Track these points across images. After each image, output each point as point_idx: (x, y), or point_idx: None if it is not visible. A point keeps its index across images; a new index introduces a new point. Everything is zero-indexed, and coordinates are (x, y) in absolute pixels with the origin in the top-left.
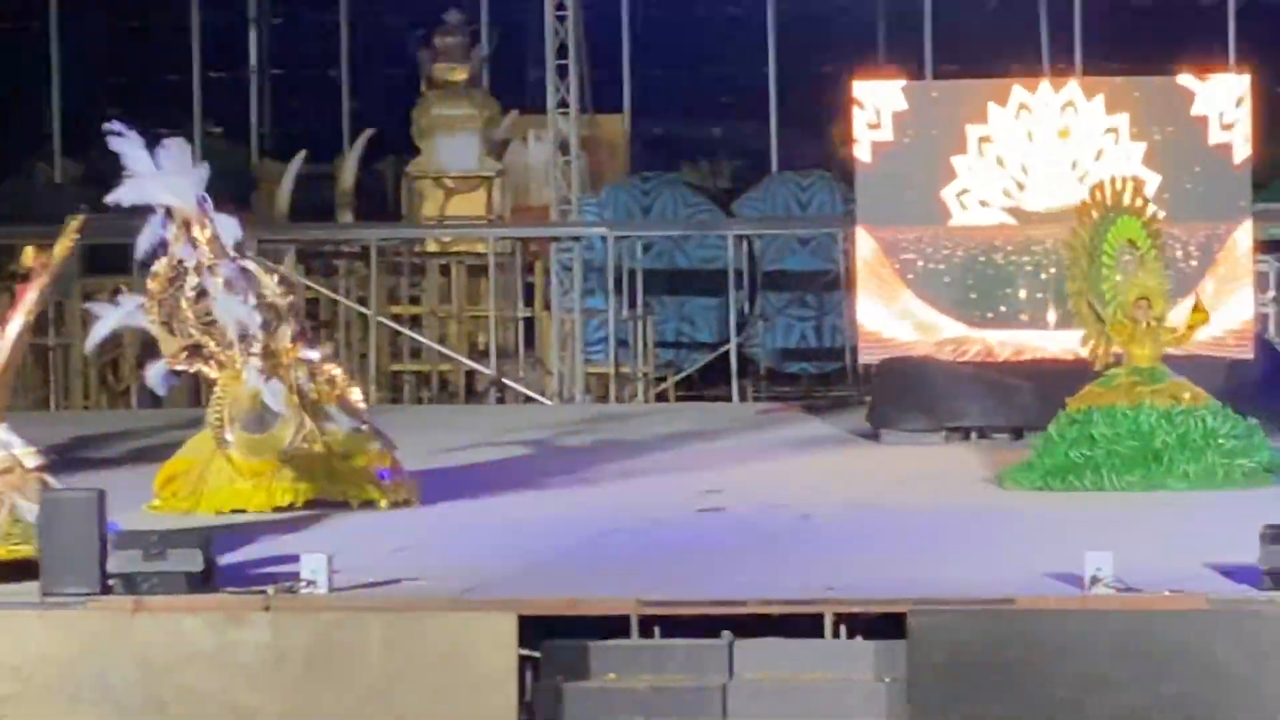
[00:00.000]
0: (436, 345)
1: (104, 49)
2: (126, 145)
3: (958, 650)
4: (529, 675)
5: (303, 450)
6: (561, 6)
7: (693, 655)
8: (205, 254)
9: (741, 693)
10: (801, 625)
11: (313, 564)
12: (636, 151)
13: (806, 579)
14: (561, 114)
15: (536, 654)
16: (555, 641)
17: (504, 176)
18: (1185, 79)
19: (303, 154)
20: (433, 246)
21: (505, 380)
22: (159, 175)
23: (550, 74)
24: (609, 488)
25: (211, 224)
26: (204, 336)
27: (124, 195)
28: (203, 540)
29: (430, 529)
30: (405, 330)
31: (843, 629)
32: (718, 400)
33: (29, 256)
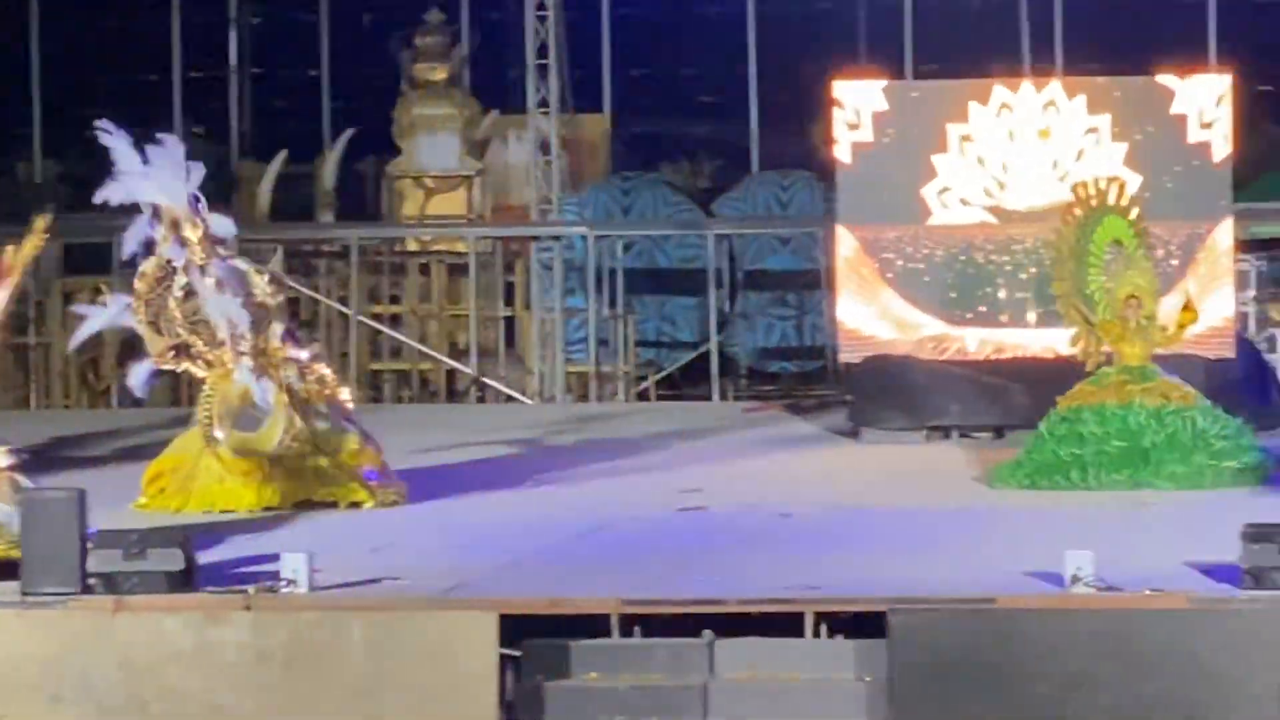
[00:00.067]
0: (417, 344)
1: (84, 48)
2: (116, 144)
3: (938, 649)
4: (510, 675)
5: (292, 449)
6: (542, 6)
7: (674, 654)
8: (197, 253)
9: (722, 692)
10: (782, 624)
11: (293, 563)
12: (617, 151)
13: (787, 578)
14: (542, 113)
15: (517, 653)
16: (536, 641)
17: (484, 176)
18: (1165, 78)
19: (283, 154)
20: (413, 246)
21: (486, 379)
22: (149, 174)
23: (530, 74)
24: (590, 487)
25: (203, 223)
26: (191, 336)
27: (113, 194)
28: (183, 540)
29: (411, 528)
30: (386, 329)
31: (823, 628)
32: (698, 399)
33: (9, 255)
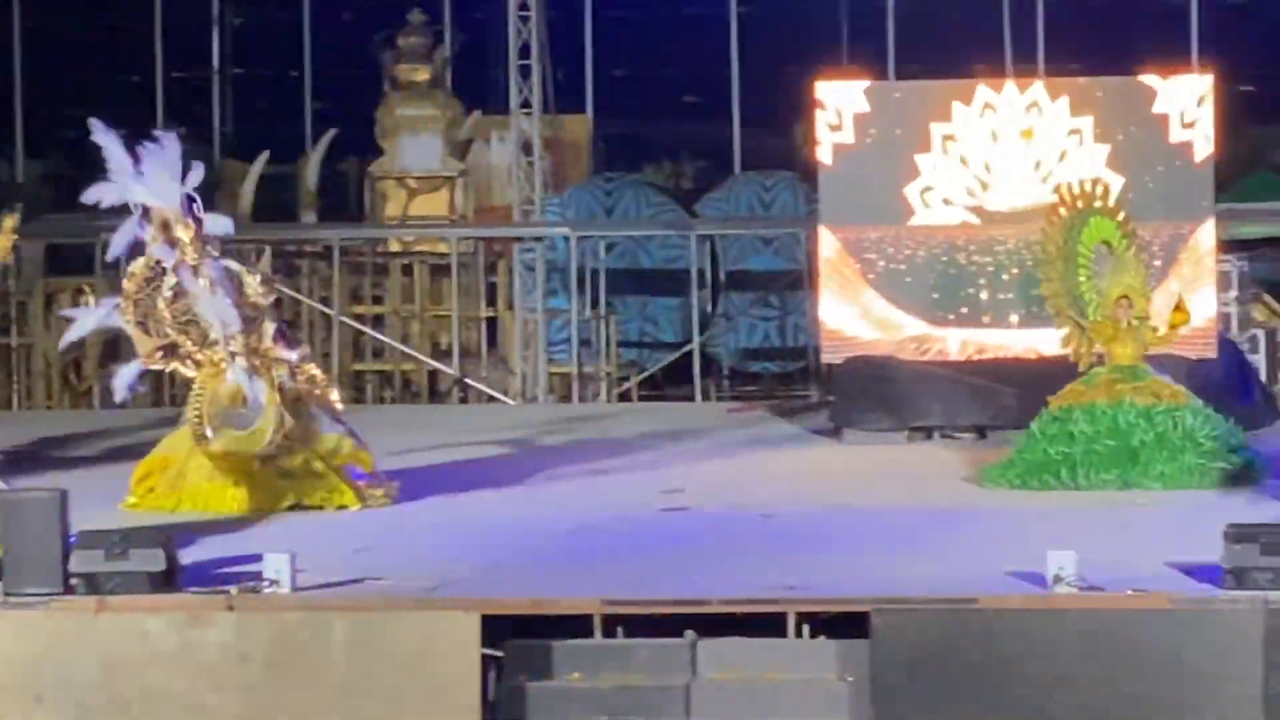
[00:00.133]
0: (399, 345)
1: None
2: (108, 143)
3: (920, 649)
4: (492, 675)
5: (283, 448)
6: (524, 7)
7: (656, 655)
8: (189, 253)
9: (705, 692)
10: (764, 624)
11: (276, 563)
12: (599, 152)
13: (769, 578)
14: (524, 114)
15: (500, 653)
16: (518, 641)
17: (467, 177)
18: (1147, 78)
19: (265, 154)
20: (395, 246)
21: (468, 380)
22: (140, 175)
23: (513, 74)
24: (572, 487)
25: (195, 223)
26: (180, 336)
27: (104, 195)
28: (165, 540)
29: (393, 528)
30: (368, 330)
31: (805, 628)
32: (681, 400)
33: None
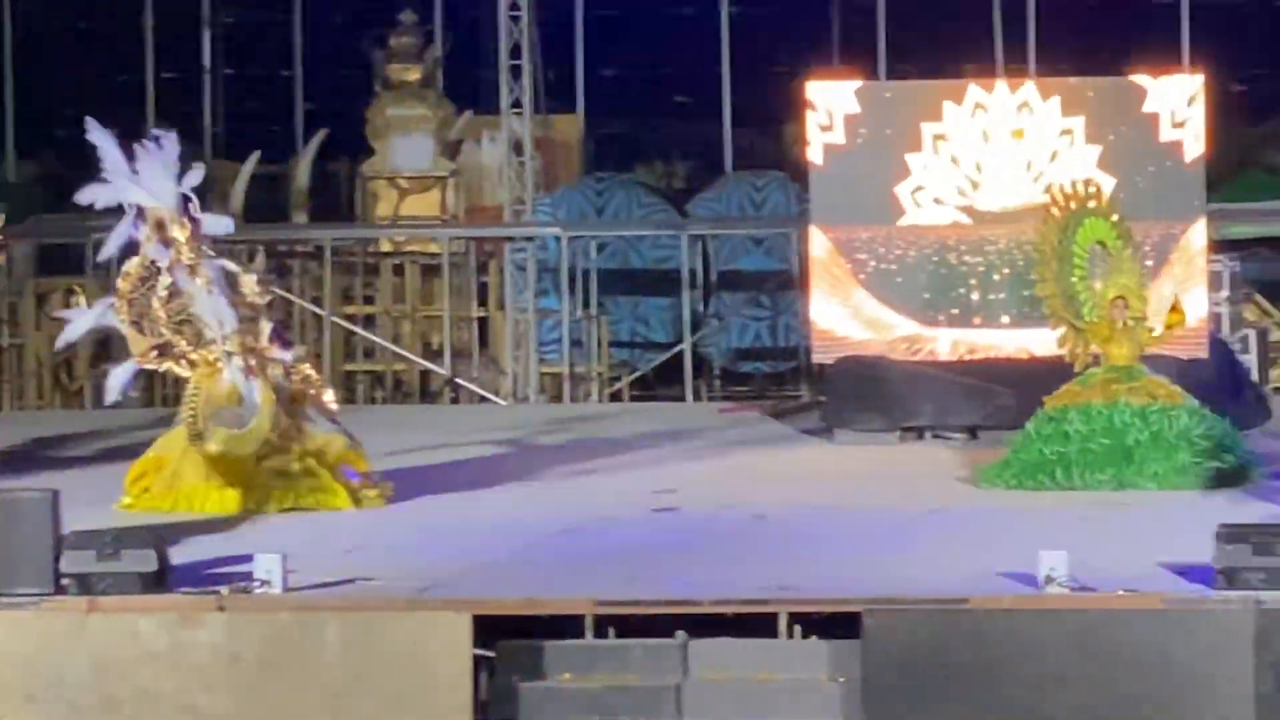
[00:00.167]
0: (390, 345)
1: (57, 49)
2: (103, 143)
3: (912, 650)
4: (484, 675)
5: (278, 448)
6: (515, 7)
7: (648, 655)
8: (184, 252)
9: (696, 692)
10: (756, 625)
11: (267, 564)
12: (590, 152)
13: (761, 579)
14: (515, 114)
15: (491, 654)
16: (510, 641)
17: (458, 177)
18: (1138, 77)
19: (256, 154)
20: (387, 246)
21: (459, 380)
22: (135, 175)
23: (504, 74)
24: (563, 488)
25: (192, 222)
26: (175, 335)
27: (98, 195)
28: (156, 540)
29: (385, 529)
30: (359, 330)
31: (797, 629)
32: (672, 400)
33: None
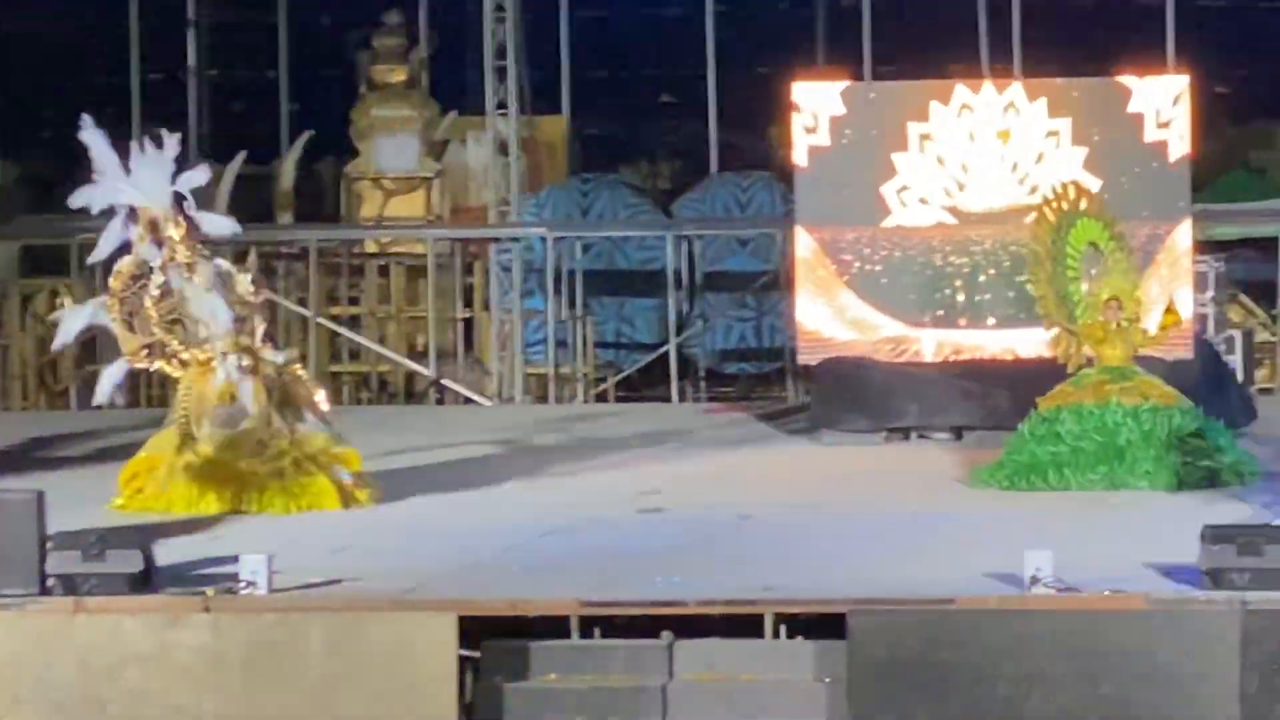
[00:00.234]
0: (376, 346)
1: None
2: (95, 144)
3: (897, 650)
4: (469, 676)
5: (270, 448)
6: (500, 8)
7: (633, 655)
8: (180, 252)
9: (681, 693)
10: (741, 625)
11: (252, 564)
12: (576, 152)
13: (746, 579)
14: (500, 115)
15: (476, 654)
16: (495, 642)
17: (443, 177)
18: (1124, 78)
19: (241, 155)
20: (372, 247)
21: (444, 381)
22: (128, 176)
23: (489, 75)
24: (549, 488)
25: (186, 222)
26: (166, 335)
27: (93, 198)
28: (142, 541)
29: (370, 529)
30: (344, 331)
31: (782, 629)
32: (657, 401)
33: None
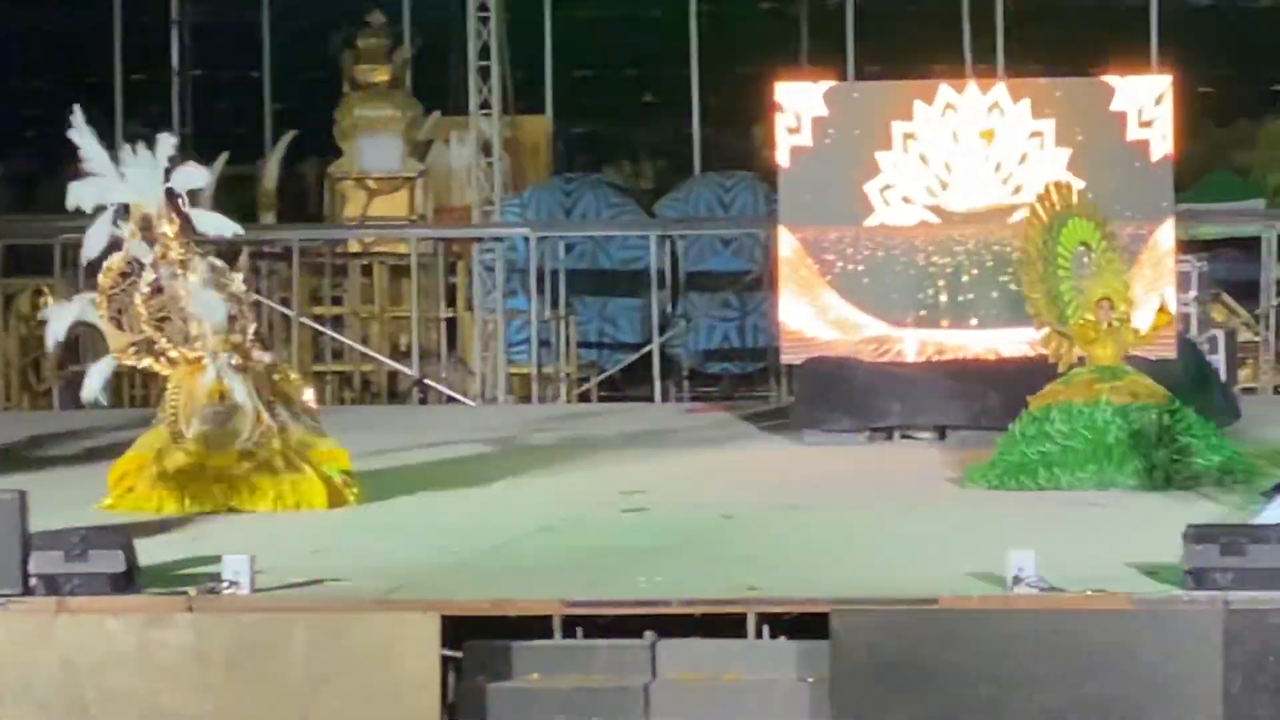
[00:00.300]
0: (359, 346)
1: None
2: (85, 142)
3: (880, 650)
4: (452, 676)
5: (260, 446)
6: (484, 7)
7: (616, 656)
8: (174, 249)
9: (664, 693)
10: (724, 625)
11: (235, 565)
12: (559, 152)
13: (729, 579)
14: (484, 115)
15: (459, 654)
16: (478, 642)
17: (426, 177)
18: (1106, 77)
19: (224, 155)
20: (355, 247)
21: (428, 381)
22: (120, 173)
23: (473, 75)
24: (532, 488)
25: (179, 219)
26: (155, 333)
27: (84, 197)
28: (125, 541)
29: (353, 529)
30: (327, 331)
31: (765, 629)
32: (640, 401)
33: None
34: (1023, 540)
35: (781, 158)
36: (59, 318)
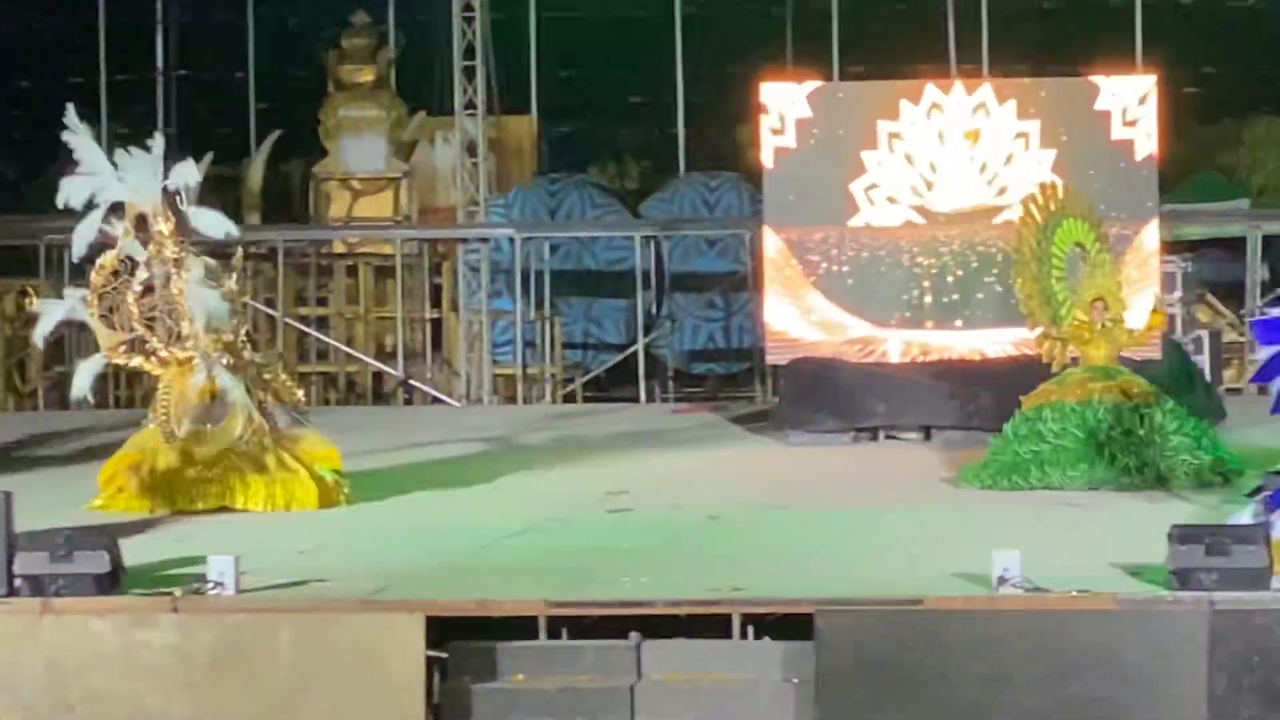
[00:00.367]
0: (344, 346)
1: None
2: (80, 142)
3: (865, 651)
4: (437, 677)
5: (252, 444)
6: (468, 8)
7: (600, 656)
8: (169, 247)
9: (649, 694)
10: (709, 626)
11: (220, 565)
12: (544, 153)
13: (714, 580)
14: (469, 115)
15: (444, 655)
16: (463, 643)
17: (411, 178)
18: (1092, 77)
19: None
20: (340, 248)
21: (413, 381)
22: (114, 172)
23: (457, 75)
24: (517, 489)
25: (175, 217)
26: (146, 332)
27: (73, 194)
28: (110, 542)
29: (337, 530)
30: (312, 331)
31: (750, 630)
32: (625, 401)
33: None
34: (1008, 540)
35: (766, 158)
36: (49, 314)
